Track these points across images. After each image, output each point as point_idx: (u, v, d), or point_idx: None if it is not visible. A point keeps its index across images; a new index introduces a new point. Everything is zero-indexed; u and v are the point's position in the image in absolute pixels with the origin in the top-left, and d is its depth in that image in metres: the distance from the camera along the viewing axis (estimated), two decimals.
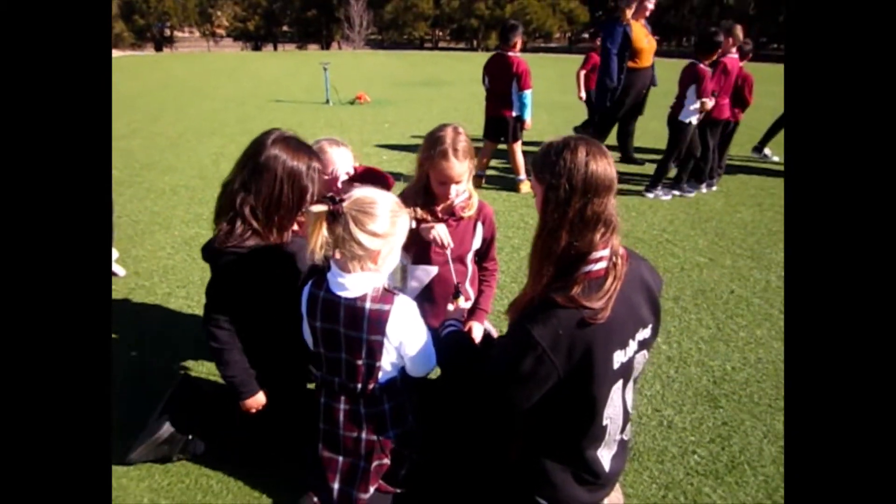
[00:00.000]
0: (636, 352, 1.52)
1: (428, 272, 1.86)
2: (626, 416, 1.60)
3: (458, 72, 18.71)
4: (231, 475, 1.93)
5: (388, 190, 2.04)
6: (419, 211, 2.04)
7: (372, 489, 1.68)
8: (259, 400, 1.85)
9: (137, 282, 3.35)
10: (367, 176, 2.04)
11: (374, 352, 1.54)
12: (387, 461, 1.69)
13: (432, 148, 1.95)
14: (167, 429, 1.90)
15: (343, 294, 1.51)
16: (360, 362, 1.56)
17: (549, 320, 1.36)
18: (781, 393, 2.39)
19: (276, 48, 46.26)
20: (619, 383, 1.51)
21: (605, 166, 1.40)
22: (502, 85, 5.18)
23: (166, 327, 2.84)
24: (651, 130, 7.48)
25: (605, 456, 1.59)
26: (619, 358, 1.45)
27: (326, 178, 2.00)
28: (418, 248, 2.09)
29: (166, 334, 2.77)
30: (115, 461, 1.95)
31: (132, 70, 19.15)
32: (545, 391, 1.44)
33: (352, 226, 1.44)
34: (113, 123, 8.45)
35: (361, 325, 1.51)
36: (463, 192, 2.06)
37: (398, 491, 1.74)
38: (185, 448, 1.93)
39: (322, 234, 1.46)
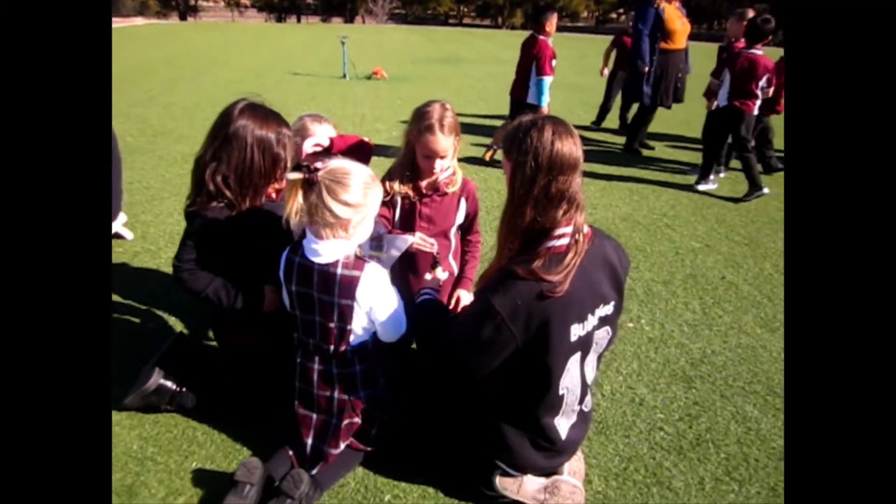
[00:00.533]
0: (596, 327, 1.59)
1: (405, 241, 1.93)
2: (585, 388, 1.67)
3: (477, 49, 18.53)
4: (215, 428, 2.04)
5: (369, 156, 2.11)
6: (402, 187, 2.11)
7: (342, 445, 1.78)
8: (272, 298, 1.90)
9: (144, 245, 3.48)
10: (350, 148, 2.09)
11: (345, 315, 1.62)
12: (357, 420, 1.78)
13: (419, 122, 2.00)
14: (156, 379, 2.01)
15: (316, 260, 1.59)
16: (332, 325, 1.65)
17: (509, 291, 1.43)
18: (756, 377, 2.45)
19: (299, 20, 46.09)
20: (577, 355, 1.58)
21: (571, 146, 1.45)
22: (525, 67, 5.13)
23: (169, 290, 2.95)
24: (671, 115, 7.39)
25: (562, 424, 1.67)
26: (576, 331, 1.51)
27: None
28: (403, 222, 2.16)
29: (169, 296, 2.88)
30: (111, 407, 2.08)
31: (155, 38, 19.28)
32: (504, 359, 1.51)
33: (325, 194, 1.51)
34: (131, 91, 8.61)
35: (333, 290, 1.59)
36: (448, 169, 2.12)
37: (368, 449, 1.84)
38: (172, 400, 2.04)
39: (298, 200, 1.54)
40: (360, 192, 1.55)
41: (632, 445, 2.05)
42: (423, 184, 2.12)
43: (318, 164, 1.56)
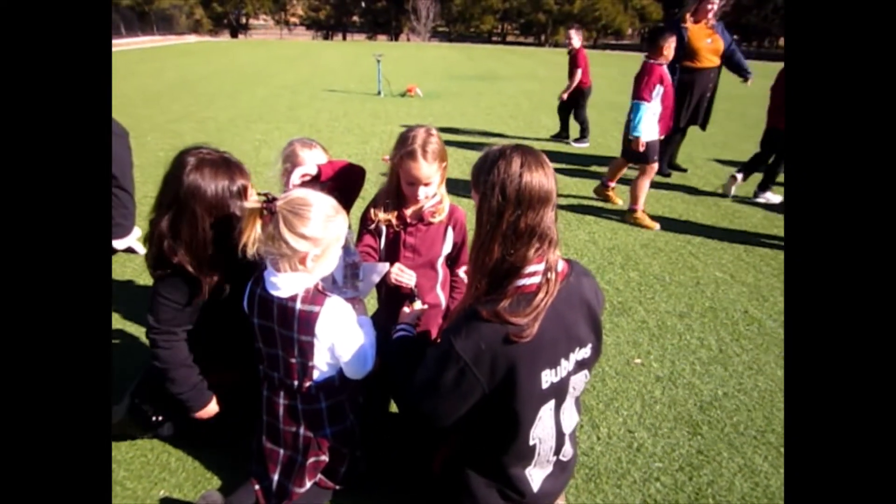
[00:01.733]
0: (571, 372, 1.47)
1: (382, 268, 1.85)
2: (562, 437, 1.55)
3: (516, 67, 18.50)
4: (190, 454, 2.00)
5: (360, 181, 2.05)
6: (386, 215, 2.04)
7: (308, 483, 1.70)
8: (210, 409, 1.87)
9: None
10: (340, 174, 2.04)
11: (306, 351, 1.55)
12: (324, 458, 1.70)
13: (402, 147, 1.93)
14: (131, 412, 1.97)
15: (275, 293, 1.53)
16: (293, 360, 1.58)
17: (472, 334, 1.33)
18: (771, 425, 2.25)
19: (344, 38, 47.19)
20: (551, 403, 1.46)
21: (541, 178, 1.36)
22: (633, 93, 4.43)
23: None
24: (706, 137, 7.15)
25: (535, 475, 1.54)
26: (548, 377, 1.40)
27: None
28: (387, 251, 2.09)
29: None
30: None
31: (202, 55, 20.01)
32: (471, 405, 1.41)
33: (282, 226, 1.44)
34: (171, 106, 8.90)
35: (293, 325, 1.52)
36: (433, 197, 2.04)
37: (337, 488, 1.75)
38: (147, 430, 2.01)
39: (255, 230, 1.48)
40: (320, 225, 1.47)
41: (623, 497, 1.90)
42: (408, 212, 2.04)
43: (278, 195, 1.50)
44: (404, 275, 1.92)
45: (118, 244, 3.59)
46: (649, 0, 39.68)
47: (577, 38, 7.18)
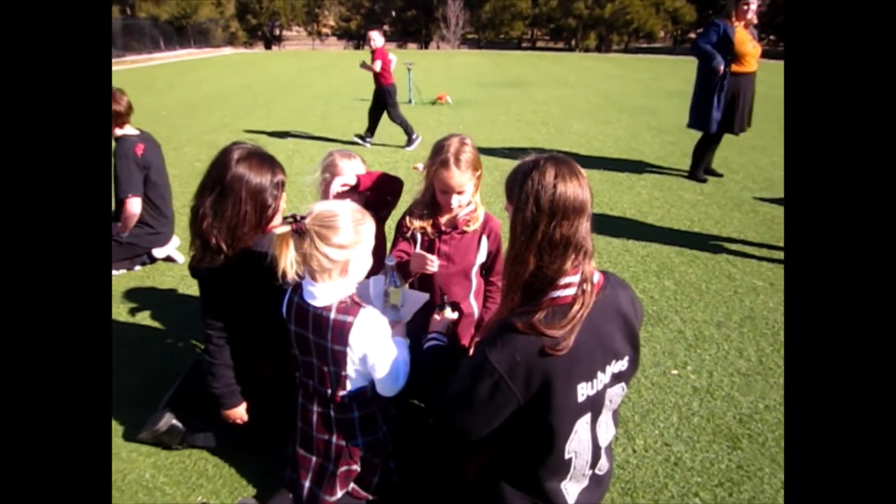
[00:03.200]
0: (608, 385, 1.45)
1: (418, 300, 1.86)
2: (598, 451, 1.52)
3: (546, 72, 18.41)
4: (226, 461, 2.03)
5: (398, 191, 2.07)
6: (420, 222, 2.05)
7: (340, 493, 1.71)
8: (239, 412, 1.95)
9: None
10: (378, 184, 2.06)
11: (339, 361, 1.56)
12: (356, 467, 1.71)
13: (436, 156, 1.95)
14: (166, 422, 2.03)
15: (312, 302, 1.55)
16: (326, 369, 1.60)
17: (507, 345, 1.32)
18: None
19: None
20: (587, 417, 1.44)
21: (576, 188, 1.34)
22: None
23: None
24: (742, 141, 6.99)
25: (570, 489, 1.52)
26: (584, 390, 1.38)
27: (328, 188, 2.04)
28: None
29: None
30: (131, 436, 2.12)
31: (238, 67, 20.50)
32: (505, 418, 1.40)
33: (317, 241, 1.47)
34: (206, 118, 9.13)
35: (326, 334, 1.54)
36: (468, 205, 2.05)
37: (370, 497, 1.76)
38: (183, 440, 2.06)
39: (289, 253, 1.50)
40: (352, 231, 1.50)
41: None
42: (443, 220, 2.05)
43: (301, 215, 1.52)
44: (428, 259, 1.93)
45: (158, 252, 3.70)
46: (682, 2, 39.06)
47: (378, 39, 7.34)
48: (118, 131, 3.36)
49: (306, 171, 2.29)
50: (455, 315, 1.81)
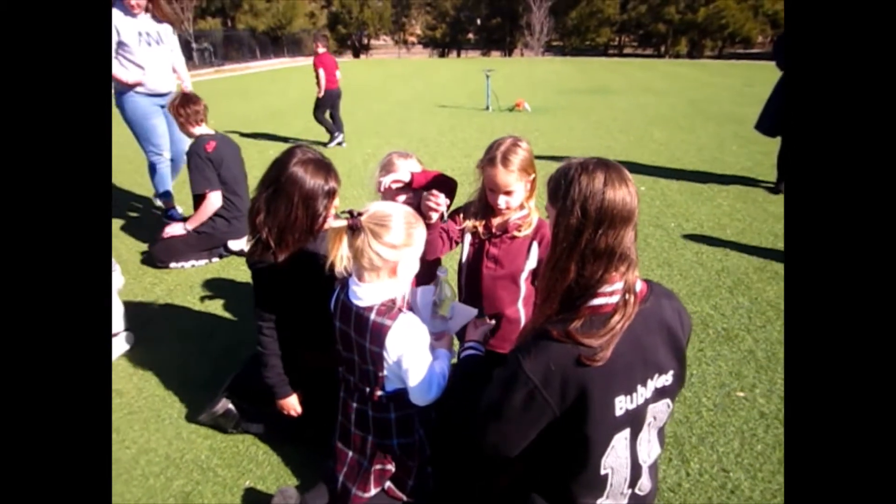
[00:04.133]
0: (650, 400, 1.37)
1: (467, 315, 1.85)
2: (637, 469, 1.45)
3: (631, 79, 17.88)
4: (275, 450, 2.12)
5: (452, 191, 2.08)
6: (472, 222, 2.05)
7: (374, 490, 1.73)
8: (291, 402, 2.02)
9: None
10: (432, 182, 2.07)
11: (377, 362, 1.58)
12: (390, 467, 1.72)
13: (486, 154, 1.95)
14: (222, 406, 2.15)
15: (356, 301, 1.58)
16: (365, 367, 1.62)
17: (541, 354, 1.28)
18: None
19: (458, 55, 48.32)
20: (625, 432, 1.37)
21: (625, 195, 1.28)
22: None
23: None
24: None
25: None
26: (622, 404, 1.32)
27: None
28: (471, 260, 2.09)
29: None
30: (193, 418, 2.26)
31: None
32: (540, 430, 1.36)
33: (370, 238, 1.50)
34: (291, 123, 9.57)
35: (365, 334, 1.56)
36: (521, 210, 2.02)
37: (404, 499, 1.76)
38: (237, 425, 2.17)
39: (342, 247, 1.54)
40: (404, 233, 1.52)
41: None
42: (494, 223, 2.04)
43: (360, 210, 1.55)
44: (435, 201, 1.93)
45: (233, 245, 3.91)
46: (782, 4, 36.70)
47: (321, 48, 7.97)
48: (195, 129, 3.62)
49: (373, 172, 2.34)
50: (492, 322, 1.79)
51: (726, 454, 2.09)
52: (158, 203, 4.90)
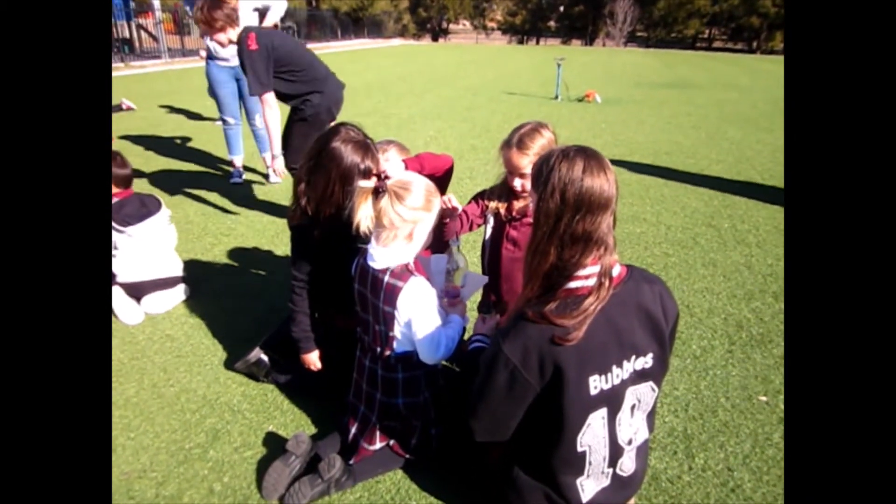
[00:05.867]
0: (627, 382, 1.42)
1: (478, 282, 1.93)
2: (616, 449, 1.49)
3: (715, 74, 17.08)
4: (299, 402, 2.29)
5: (442, 167, 2.15)
6: (495, 204, 2.12)
7: (378, 444, 1.86)
8: (312, 358, 2.18)
9: None
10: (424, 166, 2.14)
11: (388, 321, 1.70)
12: (395, 424, 1.84)
13: (508, 136, 2.03)
14: (255, 354, 2.35)
15: (372, 264, 1.70)
16: (378, 328, 1.74)
17: (519, 335, 1.35)
18: None
19: (538, 42, 47.55)
20: (602, 411, 1.42)
21: (603, 183, 1.33)
22: None
23: None
24: None
25: (587, 486, 1.51)
26: (597, 383, 1.37)
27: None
28: (492, 241, 2.17)
29: None
30: (230, 366, 2.47)
31: (402, 57, 21.67)
32: (527, 407, 1.43)
33: (393, 199, 1.63)
34: (362, 102, 9.86)
35: (379, 295, 1.69)
36: None
37: (407, 456, 1.88)
38: (268, 374, 2.36)
39: (366, 207, 1.66)
40: (423, 198, 1.65)
41: None
42: (516, 206, 2.10)
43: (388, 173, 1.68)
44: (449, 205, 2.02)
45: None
46: None
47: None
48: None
49: None
50: (498, 317, 1.86)
51: (734, 454, 2.07)
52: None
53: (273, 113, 3.61)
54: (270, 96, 3.57)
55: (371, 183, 1.66)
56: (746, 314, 3.05)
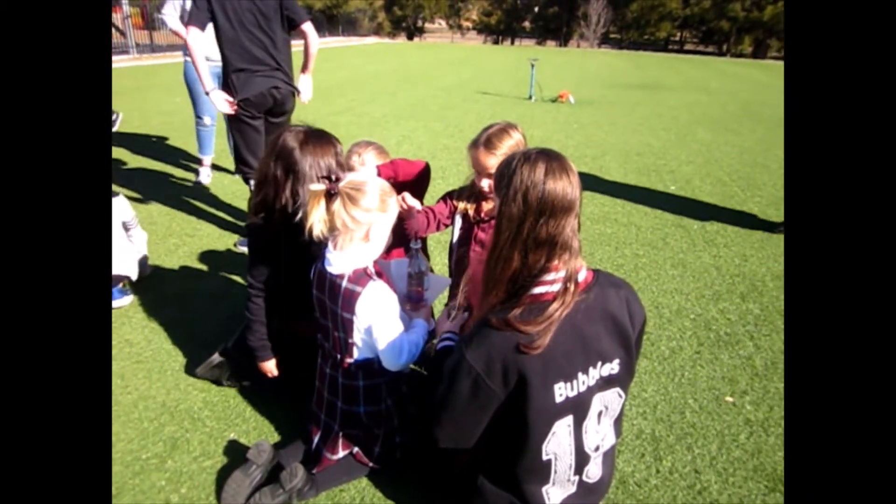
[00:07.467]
0: (593, 389, 1.39)
1: (442, 285, 1.89)
2: (583, 457, 1.47)
3: (686, 77, 17.34)
4: (263, 409, 2.22)
5: (425, 175, 2.12)
6: (464, 204, 2.09)
7: (342, 453, 1.81)
8: (269, 366, 2.13)
9: None
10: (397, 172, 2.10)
11: (347, 328, 1.65)
12: (357, 432, 1.80)
13: (476, 136, 2.00)
14: (217, 357, 2.28)
15: (329, 269, 1.65)
16: (336, 334, 1.69)
17: (483, 343, 1.32)
18: None
19: (513, 43, 47.74)
20: (568, 419, 1.39)
21: (565, 186, 1.30)
22: None
23: None
24: None
25: (554, 494, 1.48)
26: (562, 391, 1.35)
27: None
28: (460, 242, 2.14)
29: None
30: (191, 371, 2.39)
31: (377, 56, 21.53)
32: (491, 415, 1.39)
33: (346, 202, 1.57)
34: (336, 101, 9.73)
35: (338, 301, 1.64)
36: None
37: (371, 465, 1.84)
38: (230, 377, 2.29)
39: (320, 210, 1.61)
40: (378, 199, 1.60)
41: None
42: (485, 207, 2.07)
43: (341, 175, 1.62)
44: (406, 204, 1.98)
45: None
46: None
47: None
48: None
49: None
50: (465, 314, 1.82)
51: (701, 456, 2.08)
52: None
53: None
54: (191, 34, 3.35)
55: (322, 186, 1.60)
56: (714, 314, 3.07)
